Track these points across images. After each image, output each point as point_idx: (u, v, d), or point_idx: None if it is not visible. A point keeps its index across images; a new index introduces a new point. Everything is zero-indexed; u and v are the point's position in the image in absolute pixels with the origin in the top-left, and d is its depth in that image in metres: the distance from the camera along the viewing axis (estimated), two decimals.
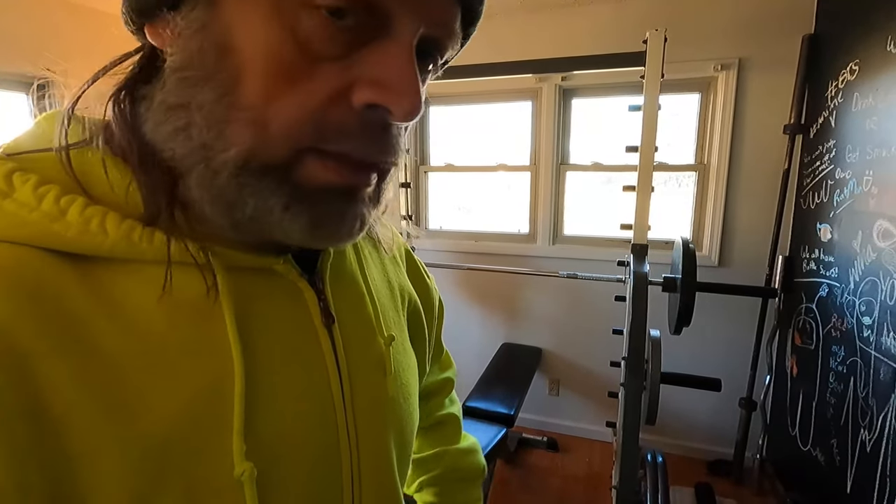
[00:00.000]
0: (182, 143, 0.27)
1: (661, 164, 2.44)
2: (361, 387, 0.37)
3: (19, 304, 0.24)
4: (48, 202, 0.26)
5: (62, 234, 0.25)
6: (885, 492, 1.38)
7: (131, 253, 0.27)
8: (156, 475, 0.26)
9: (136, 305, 0.27)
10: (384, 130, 0.29)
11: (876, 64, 1.54)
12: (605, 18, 2.31)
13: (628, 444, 1.57)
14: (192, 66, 0.27)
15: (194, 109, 0.27)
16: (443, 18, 0.29)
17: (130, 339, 0.26)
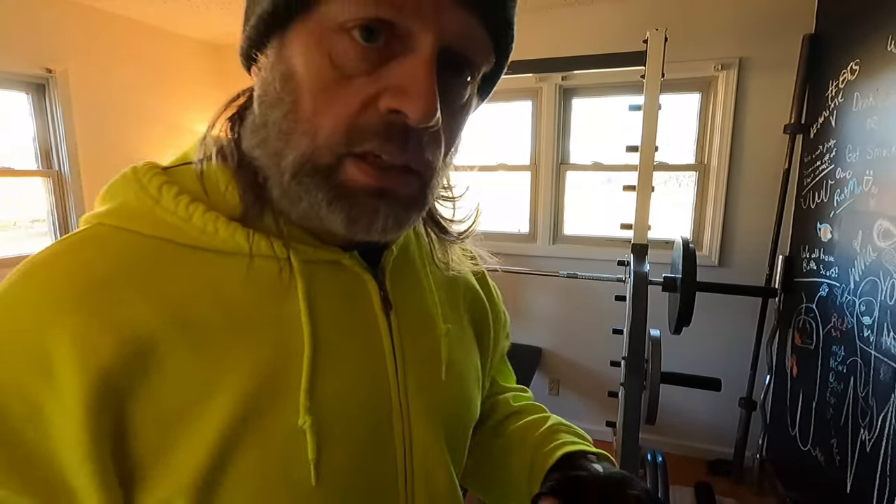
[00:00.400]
0: (263, 152, 0.35)
1: (661, 164, 2.44)
2: (413, 367, 0.42)
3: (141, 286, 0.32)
4: (180, 209, 0.35)
5: (189, 233, 0.35)
6: (885, 491, 1.38)
7: (232, 247, 0.35)
8: (239, 418, 0.32)
9: (233, 289, 0.35)
10: (406, 134, 0.32)
11: (876, 64, 1.54)
12: (606, 18, 2.31)
13: (628, 443, 1.57)
14: (267, 92, 0.34)
15: (270, 125, 0.34)
16: (460, 31, 0.32)
17: (226, 317, 0.34)
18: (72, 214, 2.36)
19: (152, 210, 0.35)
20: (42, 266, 0.32)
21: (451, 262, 0.49)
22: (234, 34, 1.78)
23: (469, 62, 0.34)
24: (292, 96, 0.32)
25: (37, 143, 2.27)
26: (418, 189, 0.36)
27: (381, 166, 0.33)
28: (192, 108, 2.96)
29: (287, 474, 0.34)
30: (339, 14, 0.30)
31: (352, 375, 0.38)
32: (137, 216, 0.35)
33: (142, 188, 0.35)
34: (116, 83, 2.51)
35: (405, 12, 0.30)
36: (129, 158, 2.62)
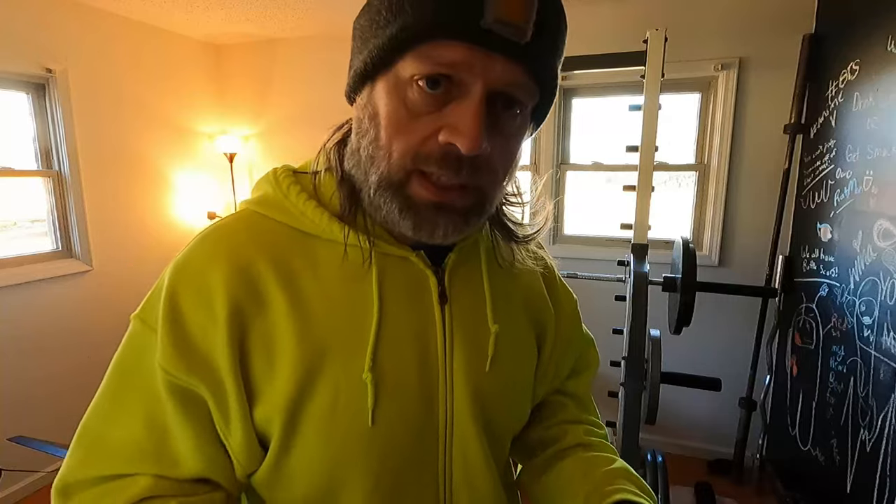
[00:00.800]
0: (357, 171, 0.47)
1: (661, 164, 2.44)
2: (461, 354, 0.50)
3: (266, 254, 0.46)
4: (300, 204, 0.47)
5: (303, 222, 0.47)
6: (885, 491, 1.38)
7: (331, 236, 0.47)
8: (318, 363, 0.44)
9: (326, 267, 0.47)
10: (460, 161, 0.41)
11: (876, 64, 1.54)
12: (606, 18, 2.31)
13: (628, 443, 1.57)
14: (360, 126, 0.46)
15: (361, 151, 0.45)
16: (505, 79, 0.40)
17: (318, 283, 0.46)
18: (72, 214, 2.36)
19: (282, 202, 0.48)
20: (214, 232, 0.47)
21: (515, 261, 0.56)
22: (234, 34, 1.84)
23: (516, 100, 0.42)
24: (376, 130, 0.43)
25: (37, 143, 2.27)
26: (475, 201, 0.44)
27: (440, 185, 0.42)
28: (192, 108, 2.96)
29: (350, 414, 0.45)
30: (410, 70, 0.40)
31: (407, 349, 0.48)
32: (272, 206, 0.49)
33: (277, 185, 0.49)
34: (116, 83, 2.51)
35: (458, 68, 0.39)
36: (129, 158, 2.63)
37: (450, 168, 0.41)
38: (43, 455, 2.20)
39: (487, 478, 0.52)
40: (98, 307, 2.49)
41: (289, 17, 2.53)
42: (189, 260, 0.45)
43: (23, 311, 2.19)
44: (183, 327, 0.43)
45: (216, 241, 0.46)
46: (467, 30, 0.37)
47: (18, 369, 2.18)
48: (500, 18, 0.37)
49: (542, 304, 0.60)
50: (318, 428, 0.44)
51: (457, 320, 0.50)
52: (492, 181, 0.44)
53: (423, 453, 0.49)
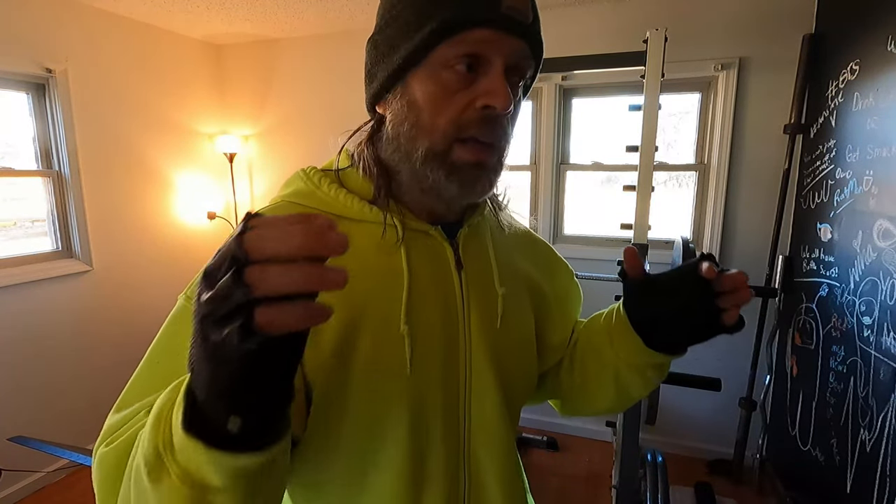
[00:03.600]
0: (397, 154, 0.54)
1: (661, 164, 2.44)
2: (476, 312, 0.58)
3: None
4: (332, 192, 0.55)
5: (336, 207, 0.54)
6: (885, 492, 1.38)
7: (362, 216, 0.54)
8: (358, 323, 0.50)
9: (360, 242, 0.53)
10: (496, 121, 0.50)
11: (876, 63, 1.54)
12: (606, 18, 2.31)
13: (628, 443, 1.57)
14: (398, 115, 0.53)
15: (401, 136, 0.52)
16: (518, 55, 0.50)
17: (353, 255, 0.46)
18: (72, 214, 2.36)
19: (315, 192, 0.56)
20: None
21: (511, 225, 0.69)
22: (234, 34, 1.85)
23: (521, 72, 0.52)
24: (416, 113, 0.51)
25: (37, 143, 2.27)
26: (497, 160, 0.53)
27: (480, 145, 0.50)
28: (192, 108, 2.96)
29: (391, 364, 0.51)
30: (447, 56, 0.49)
31: (434, 308, 0.55)
32: (306, 196, 0.56)
33: (308, 179, 0.56)
34: (116, 83, 2.51)
35: (486, 47, 0.48)
36: (129, 158, 2.63)
37: (488, 127, 0.50)
38: (43, 455, 2.20)
39: (501, 426, 0.59)
40: (98, 307, 2.49)
41: (289, 17, 2.53)
42: None
43: (23, 311, 2.19)
44: None
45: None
46: (491, 16, 0.47)
47: (18, 369, 2.18)
48: (511, 5, 0.48)
49: (532, 268, 0.69)
50: (362, 378, 0.50)
51: (471, 284, 0.58)
52: (507, 140, 0.54)
53: (448, 400, 0.55)
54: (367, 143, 0.57)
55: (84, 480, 2.30)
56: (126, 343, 2.64)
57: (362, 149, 0.57)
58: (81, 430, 2.44)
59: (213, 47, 3.05)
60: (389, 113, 0.54)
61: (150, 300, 2.75)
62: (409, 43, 0.49)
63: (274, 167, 3.12)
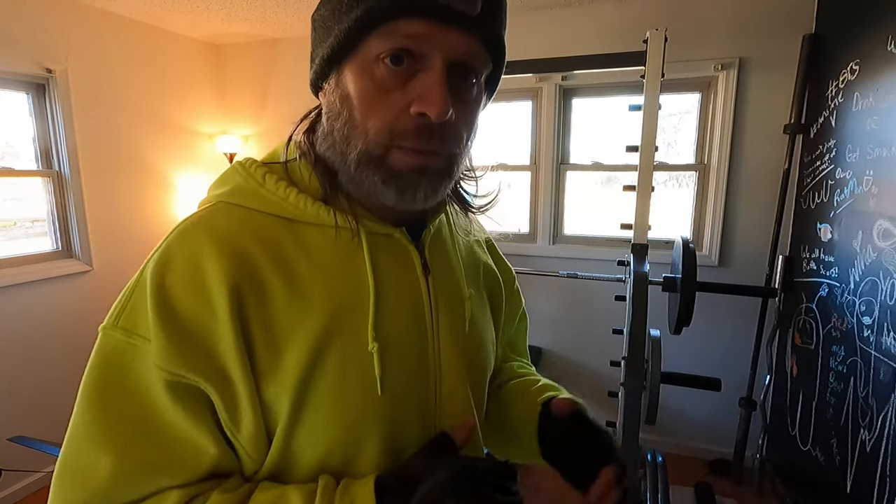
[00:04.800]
0: (332, 152, 0.48)
1: (661, 164, 2.44)
2: (445, 318, 0.54)
3: (256, 241, 0.46)
4: (281, 191, 0.48)
5: (286, 208, 0.48)
6: (885, 492, 1.38)
7: (318, 220, 0.48)
8: (322, 340, 0.45)
9: (317, 248, 0.48)
10: (432, 129, 0.44)
11: (876, 64, 1.54)
12: (606, 18, 2.31)
13: (628, 443, 1.57)
14: (331, 110, 0.47)
15: (335, 133, 0.47)
16: (461, 50, 0.43)
17: (312, 266, 0.47)
18: (72, 214, 2.36)
19: (258, 191, 0.49)
20: (193, 225, 0.47)
21: (472, 230, 0.64)
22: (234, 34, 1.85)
23: (472, 69, 0.45)
24: (348, 110, 0.46)
25: (37, 143, 2.27)
26: (445, 164, 0.47)
27: (418, 152, 0.45)
28: (192, 108, 2.96)
29: (360, 385, 0.47)
30: (376, 50, 0.43)
31: (402, 318, 0.51)
32: (248, 196, 0.49)
33: (249, 175, 0.49)
34: (116, 83, 2.51)
35: (419, 42, 0.42)
36: (129, 158, 2.63)
37: (425, 136, 0.44)
38: (43, 455, 2.20)
39: (471, 414, 0.57)
40: (98, 307, 2.49)
41: (289, 17, 2.53)
42: (173, 255, 0.44)
43: (23, 310, 2.19)
44: (180, 323, 0.42)
45: (200, 232, 0.46)
46: (426, 6, 0.41)
47: (18, 369, 2.18)
48: None
49: (492, 273, 0.68)
50: (330, 401, 0.46)
51: (439, 288, 0.55)
52: (458, 146, 0.48)
53: (420, 413, 0.52)
54: (307, 135, 0.51)
55: None
56: None
57: (303, 139, 0.51)
58: None
59: (213, 47, 3.05)
60: (325, 104, 0.49)
61: None
62: (339, 28, 0.44)
63: None
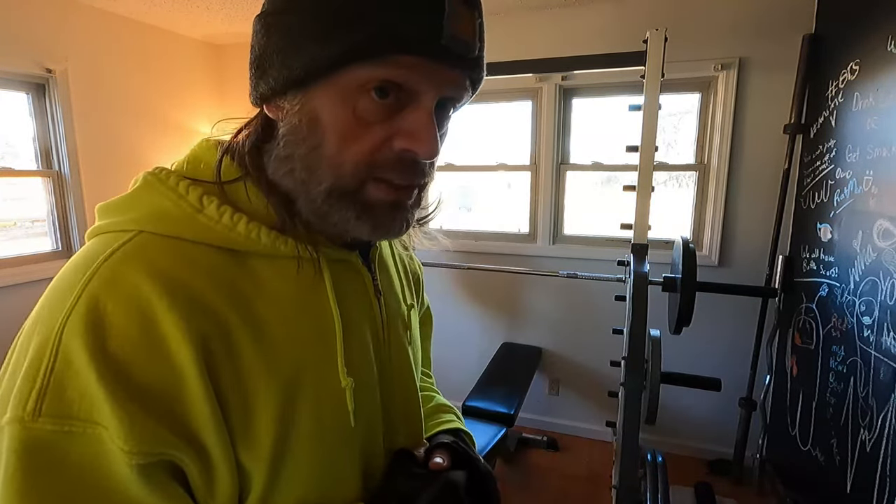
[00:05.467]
0: (290, 179, 0.43)
1: (661, 164, 2.44)
2: (394, 336, 0.55)
3: (208, 281, 0.39)
4: (226, 218, 0.41)
5: (232, 239, 0.41)
6: (885, 492, 1.38)
7: (274, 251, 0.43)
8: (294, 390, 0.42)
9: (274, 283, 0.43)
10: (414, 164, 0.42)
11: (876, 64, 1.54)
12: (606, 18, 2.31)
13: (628, 443, 1.57)
14: (294, 132, 0.42)
15: (296, 159, 0.42)
16: (453, 87, 0.42)
17: (272, 305, 0.42)
18: (72, 214, 2.36)
19: (194, 217, 0.41)
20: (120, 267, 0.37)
21: (411, 244, 0.64)
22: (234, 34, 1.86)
23: (456, 102, 0.45)
24: (318, 138, 0.41)
25: (37, 143, 2.27)
26: (417, 195, 0.46)
27: (395, 186, 0.43)
28: (192, 108, 2.96)
29: (336, 422, 0.45)
30: (361, 79, 0.39)
31: (365, 345, 0.50)
32: (181, 223, 0.40)
33: (180, 197, 0.41)
34: (116, 83, 2.51)
35: (413, 79, 0.39)
36: (128, 158, 2.63)
37: (406, 172, 0.42)
38: None
39: (420, 422, 0.60)
40: None
41: None
42: (105, 310, 0.35)
43: (23, 311, 2.18)
44: (141, 393, 0.34)
45: (134, 274, 0.36)
46: (428, 46, 0.39)
47: None
48: (455, 35, 0.39)
49: (419, 280, 0.71)
50: (308, 448, 0.43)
51: (389, 308, 0.55)
52: (431, 175, 0.47)
53: (386, 427, 0.53)
54: (252, 153, 0.44)
55: None
56: None
57: (248, 158, 0.44)
58: None
59: (213, 47, 3.05)
60: (283, 124, 0.42)
61: None
62: (317, 51, 0.38)
63: None
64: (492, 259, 2.67)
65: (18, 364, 0.35)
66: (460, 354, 2.81)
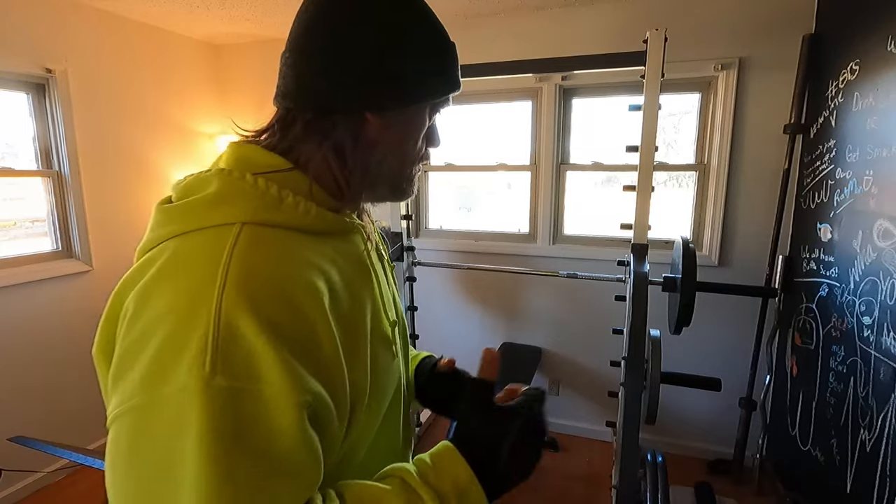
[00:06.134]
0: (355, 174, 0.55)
1: (661, 164, 2.44)
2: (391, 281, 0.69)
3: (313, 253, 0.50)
4: (301, 206, 0.50)
5: (310, 224, 0.51)
6: (885, 492, 1.38)
7: (335, 228, 0.54)
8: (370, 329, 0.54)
9: (340, 251, 0.54)
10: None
11: (876, 64, 1.54)
12: (606, 18, 2.31)
13: (628, 443, 1.57)
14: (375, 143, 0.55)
15: (380, 164, 0.56)
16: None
17: (344, 267, 0.53)
18: (72, 214, 2.36)
19: (278, 208, 0.49)
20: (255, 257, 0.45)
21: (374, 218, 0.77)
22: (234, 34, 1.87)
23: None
24: (403, 147, 0.57)
25: (37, 143, 2.27)
26: None
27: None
28: (193, 108, 2.96)
29: (388, 353, 0.58)
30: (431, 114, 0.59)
31: (386, 293, 0.63)
32: (271, 213, 0.48)
33: (262, 193, 0.49)
34: (116, 83, 2.51)
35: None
36: (129, 158, 2.63)
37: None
38: (43, 455, 2.20)
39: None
40: (98, 307, 2.48)
41: (289, 17, 2.52)
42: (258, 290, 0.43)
43: (23, 311, 2.19)
44: (299, 351, 0.42)
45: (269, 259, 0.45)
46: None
47: (19, 369, 2.18)
48: None
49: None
50: (382, 380, 0.56)
51: (385, 260, 0.70)
52: None
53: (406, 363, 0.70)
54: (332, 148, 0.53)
55: (84, 480, 2.30)
56: None
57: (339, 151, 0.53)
58: (81, 430, 2.44)
59: (213, 47, 3.05)
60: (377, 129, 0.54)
61: None
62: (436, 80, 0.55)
63: None
64: (492, 259, 2.67)
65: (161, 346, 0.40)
66: (460, 354, 2.79)
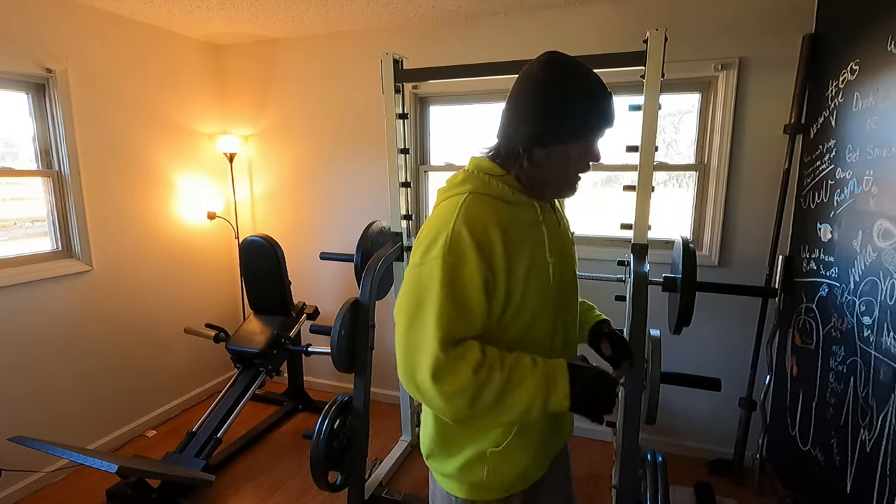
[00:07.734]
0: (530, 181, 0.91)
1: (662, 164, 2.44)
2: (567, 243, 1.04)
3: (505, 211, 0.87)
4: (503, 186, 0.89)
5: (505, 195, 0.88)
6: (885, 492, 1.38)
7: (520, 200, 0.90)
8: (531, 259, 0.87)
9: (521, 214, 0.89)
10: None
11: (876, 64, 1.54)
12: (606, 18, 2.31)
13: (628, 443, 1.57)
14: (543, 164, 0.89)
15: (545, 174, 0.90)
16: None
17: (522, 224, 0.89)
18: (72, 214, 2.36)
19: (488, 185, 0.87)
20: (474, 207, 0.83)
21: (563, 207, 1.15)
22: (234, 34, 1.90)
23: None
24: (563, 169, 0.89)
25: (37, 143, 2.27)
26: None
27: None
28: (193, 108, 2.96)
29: (545, 282, 0.90)
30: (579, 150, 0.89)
31: (559, 248, 0.95)
32: (487, 189, 0.87)
33: (484, 181, 0.87)
34: (116, 83, 2.51)
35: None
36: (129, 158, 2.63)
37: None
38: (43, 455, 2.20)
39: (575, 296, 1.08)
40: (98, 307, 2.49)
41: (289, 17, 2.53)
42: (474, 221, 0.81)
43: (23, 311, 2.19)
44: (486, 252, 0.80)
45: (480, 210, 0.83)
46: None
47: (19, 369, 2.18)
48: None
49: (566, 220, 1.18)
50: (535, 288, 0.87)
51: (564, 228, 1.05)
52: None
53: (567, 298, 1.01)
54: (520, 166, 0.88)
55: (84, 480, 2.30)
56: (126, 343, 2.64)
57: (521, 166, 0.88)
58: (81, 430, 2.44)
59: (213, 47, 3.05)
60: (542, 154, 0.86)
61: (151, 300, 2.75)
62: (586, 130, 0.89)
63: (274, 167, 3.12)
64: None
65: (430, 240, 0.82)
66: None
